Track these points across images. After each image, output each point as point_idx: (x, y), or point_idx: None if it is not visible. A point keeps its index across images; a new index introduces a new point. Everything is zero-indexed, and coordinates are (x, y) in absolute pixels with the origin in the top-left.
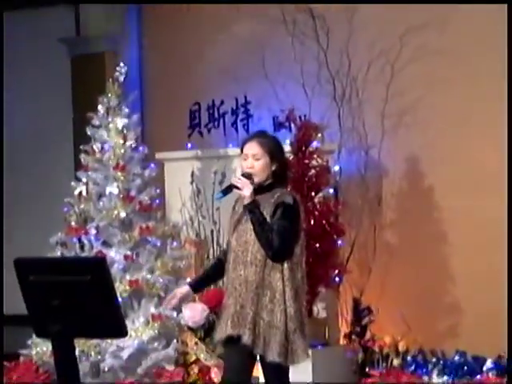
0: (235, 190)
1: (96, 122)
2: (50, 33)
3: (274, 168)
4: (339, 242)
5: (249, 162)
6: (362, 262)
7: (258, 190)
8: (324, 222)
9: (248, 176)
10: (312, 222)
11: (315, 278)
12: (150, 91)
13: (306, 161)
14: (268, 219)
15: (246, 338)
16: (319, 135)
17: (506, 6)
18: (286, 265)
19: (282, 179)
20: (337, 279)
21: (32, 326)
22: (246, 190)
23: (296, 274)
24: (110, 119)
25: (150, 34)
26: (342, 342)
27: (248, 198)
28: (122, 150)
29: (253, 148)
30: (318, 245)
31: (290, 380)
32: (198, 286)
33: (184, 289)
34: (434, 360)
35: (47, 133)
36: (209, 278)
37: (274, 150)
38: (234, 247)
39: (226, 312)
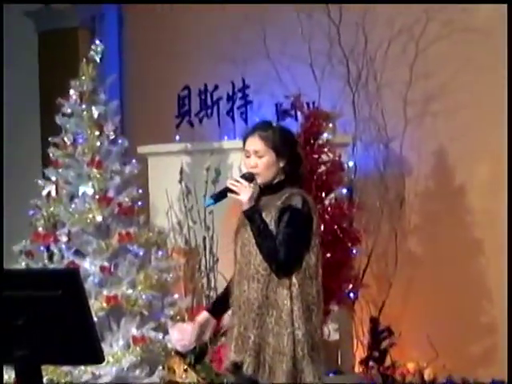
0: (231, 195)
1: (67, 109)
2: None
3: (282, 165)
4: (354, 251)
5: (251, 160)
6: (381, 274)
7: (266, 190)
8: (336, 227)
9: (250, 177)
10: (322, 228)
11: (326, 294)
12: (131, 74)
13: (315, 155)
14: (273, 226)
15: (248, 367)
16: (330, 125)
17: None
18: (294, 279)
19: (293, 177)
20: (351, 295)
21: None
22: (244, 195)
23: (308, 290)
24: (83, 106)
25: (132, 8)
26: (358, 369)
27: (246, 204)
28: (98, 143)
29: (254, 143)
30: (329, 254)
31: None
32: (217, 307)
33: (204, 321)
34: None
35: (9, 122)
36: (225, 299)
37: (279, 143)
38: (238, 258)
39: (230, 334)
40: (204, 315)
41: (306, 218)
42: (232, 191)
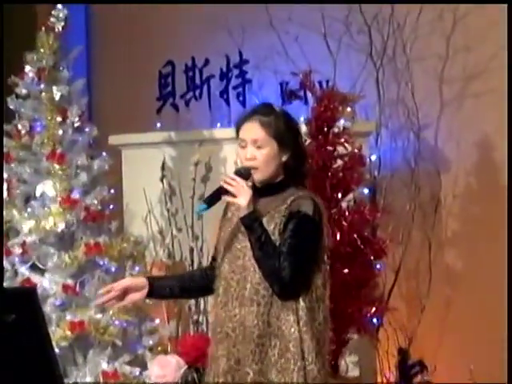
0: (226, 198)
1: (22, 90)
2: None
3: (284, 159)
4: (378, 265)
5: (248, 151)
6: (412, 295)
7: (264, 190)
8: (356, 236)
9: (245, 173)
10: (338, 238)
11: (343, 319)
12: (102, 46)
13: (330, 147)
14: (276, 235)
15: None
16: (348, 109)
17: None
18: (302, 302)
19: (297, 175)
20: (374, 321)
21: None
22: (243, 198)
23: (316, 315)
24: (42, 86)
25: None
26: None
27: (245, 209)
28: (60, 132)
29: (253, 130)
30: (346, 270)
31: None
32: (157, 285)
33: (135, 279)
34: None
35: None
36: (180, 283)
37: (284, 132)
38: (225, 273)
39: (214, 368)
40: (139, 279)
41: (316, 227)
42: (227, 192)
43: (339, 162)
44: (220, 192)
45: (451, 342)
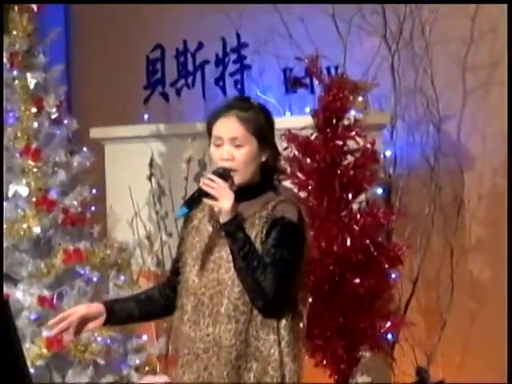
0: (207, 201)
1: None
2: None
3: (264, 159)
4: (393, 275)
5: (225, 150)
6: (431, 308)
7: (240, 194)
8: (368, 242)
9: (226, 174)
10: (348, 244)
11: (354, 335)
12: (82, 28)
13: (339, 142)
14: (257, 243)
15: None
16: (360, 99)
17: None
18: (284, 320)
19: (272, 177)
20: (389, 337)
21: None
22: (225, 201)
23: (299, 335)
24: (14, 73)
25: None
26: None
27: (227, 214)
28: (36, 124)
29: (231, 127)
30: (357, 280)
31: None
32: (115, 310)
33: (92, 306)
34: None
35: None
36: (138, 305)
37: (265, 128)
38: (194, 288)
39: None
40: (95, 306)
41: (302, 236)
42: (207, 195)
43: (350, 159)
44: (200, 194)
45: (475, 361)
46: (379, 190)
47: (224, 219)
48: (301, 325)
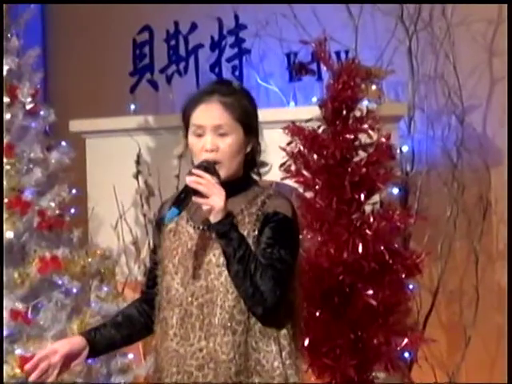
0: (196, 199)
1: None
2: None
3: (249, 149)
4: (411, 286)
5: (208, 140)
6: (453, 323)
7: (225, 190)
8: (383, 249)
9: (211, 168)
10: (360, 250)
11: (367, 353)
12: (60, 8)
13: (350, 136)
14: (250, 243)
15: None
16: (373, 87)
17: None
18: (284, 329)
19: (254, 167)
20: (406, 355)
21: None
22: (217, 198)
23: (298, 344)
24: None
25: None
26: None
27: (220, 212)
28: (8, 116)
29: (214, 114)
30: (371, 292)
31: None
32: (96, 341)
33: (72, 342)
34: None
35: None
36: (118, 330)
37: (250, 115)
38: (178, 299)
39: None
40: (75, 341)
41: (297, 232)
42: (196, 193)
43: (362, 155)
44: (187, 191)
45: (503, 382)
46: (395, 190)
47: (216, 218)
48: (298, 332)
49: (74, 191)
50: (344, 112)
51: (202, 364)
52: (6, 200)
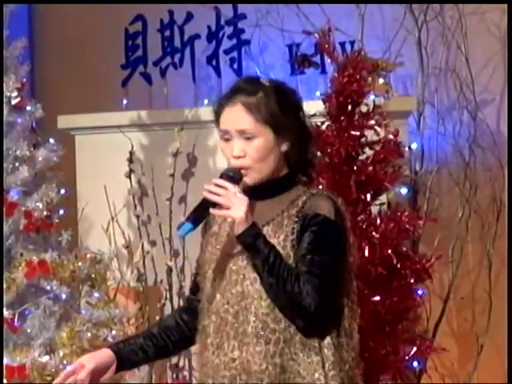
0: (215, 211)
1: None
2: None
3: (285, 148)
4: (420, 291)
5: (235, 145)
6: (465, 330)
7: (262, 190)
8: (391, 252)
9: (236, 176)
10: (367, 254)
11: (374, 363)
12: None
13: (355, 132)
14: (288, 248)
15: None
16: (381, 81)
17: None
18: (328, 338)
19: (303, 167)
20: (415, 365)
21: None
22: (238, 209)
23: (345, 354)
24: None
25: None
26: None
27: (242, 223)
28: None
29: (237, 118)
30: (378, 298)
31: None
32: (126, 352)
33: (99, 357)
34: None
35: None
36: (153, 341)
37: (279, 113)
38: (216, 306)
39: None
40: (104, 354)
41: (341, 235)
42: (215, 205)
43: (368, 153)
44: (206, 205)
45: None
46: (403, 190)
47: (238, 230)
48: (350, 342)
49: (62, 191)
50: (349, 107)
51: (235, 375)
52: None
